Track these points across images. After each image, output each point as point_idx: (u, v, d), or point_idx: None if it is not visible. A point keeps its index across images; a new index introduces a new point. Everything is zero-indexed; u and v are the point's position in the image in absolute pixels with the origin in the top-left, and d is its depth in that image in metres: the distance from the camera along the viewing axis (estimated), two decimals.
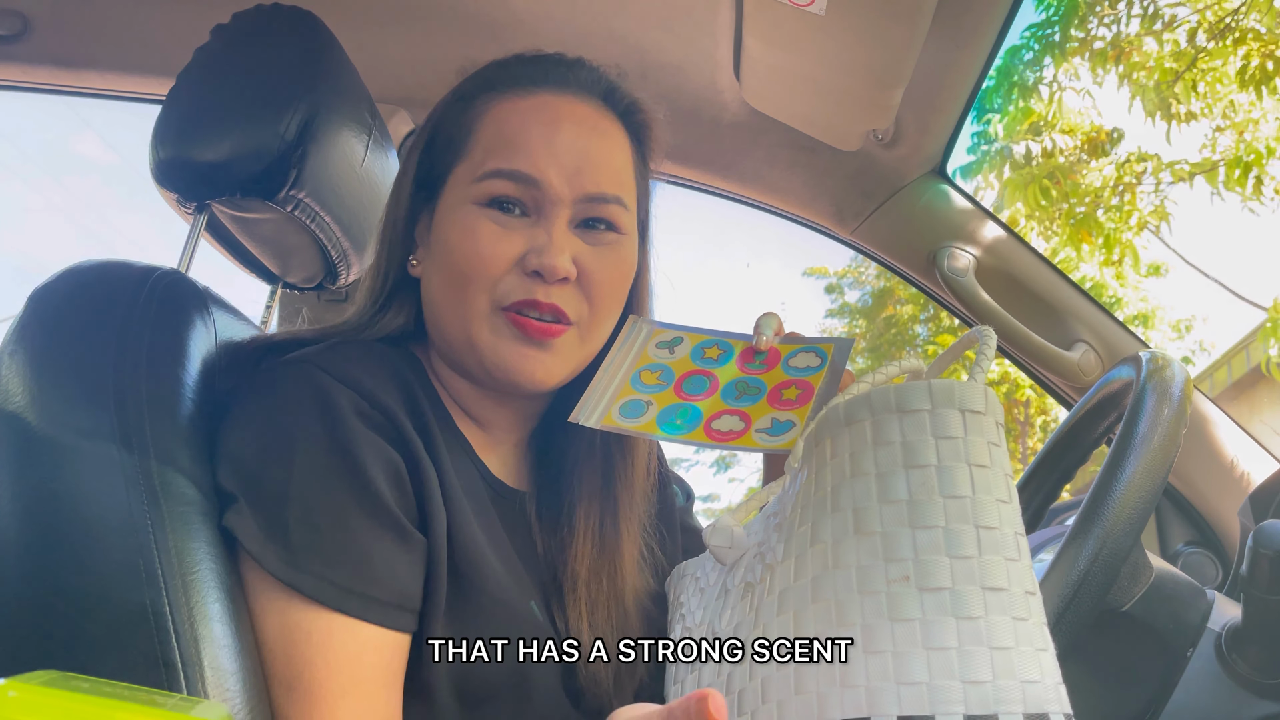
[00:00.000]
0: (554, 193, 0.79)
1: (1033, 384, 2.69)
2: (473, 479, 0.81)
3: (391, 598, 0.71)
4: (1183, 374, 0.88)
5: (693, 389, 0.79)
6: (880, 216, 1.50)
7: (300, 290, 1.14)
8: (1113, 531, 0.79)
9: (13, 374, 0.72)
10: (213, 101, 0.90)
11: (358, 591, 0.69)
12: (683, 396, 0.78)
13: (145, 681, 0.64)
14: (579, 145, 0.81)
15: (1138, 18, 4.85)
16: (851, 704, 0.55)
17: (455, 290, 0.79)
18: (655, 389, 0.79)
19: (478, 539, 0.76)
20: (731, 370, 0.80)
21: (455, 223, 0.80)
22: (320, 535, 0.69)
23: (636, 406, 0.77)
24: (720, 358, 0.81)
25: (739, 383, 0.79)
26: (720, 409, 0.77)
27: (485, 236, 0.78)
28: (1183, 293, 21.65)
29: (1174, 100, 4.76)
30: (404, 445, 0.74)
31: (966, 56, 1.21)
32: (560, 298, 0.79)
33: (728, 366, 0.80)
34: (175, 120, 0.90)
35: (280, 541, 0.69)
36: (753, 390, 0.78)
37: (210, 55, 0.93)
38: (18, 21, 1.24)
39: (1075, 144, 5.53)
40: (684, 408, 0.77)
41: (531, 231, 0.79)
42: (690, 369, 0.80)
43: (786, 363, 0.80)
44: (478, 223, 0.79)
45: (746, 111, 1.38)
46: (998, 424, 0.61)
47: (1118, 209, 5.36)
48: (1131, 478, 0.80)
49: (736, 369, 0.80)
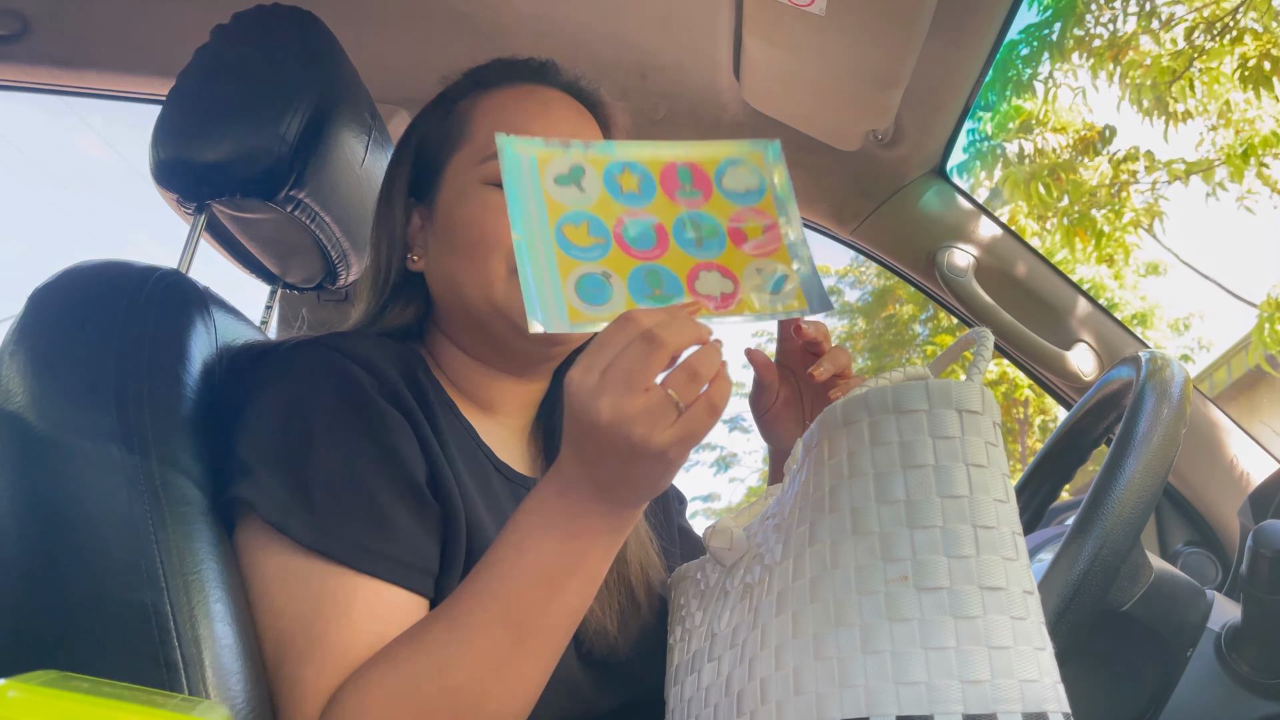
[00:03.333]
0: None
1: (1032, 384, 2.69)
2: (480, 463, 0.83)
3: (415, 560, 0.72)
4: (1182, 374, 0.88)
5: (639, 241, 0.67)
6: (880, 216, 1.50)
7: (300, 290, 1.14)
8: (1112, 531, 0.79)
9: (13, 374, 0.72)
10: (213, 102, 0.90)
11: (384, 554, 0.70)
12: (636, 255, 0.67)
13: (146, 682, 0.64)
14: (571, 124, 0.87)
15: (1134, 15, 4.85)
16: (850, 704, 0.55)
17: (474, 260, 0.82)
18: (596, 251, 0.66)
19: (485, 518, 0.78)
20: (666, 205, 0.69)
21: (465, 202, 0.84)
22: (344, 502, 0.71)
23: (595, 284, 0.65)
24: (643, 188, 0.70)
25: (687, 222, 0.69)
26: (691, 264, 0.67)
27: (496, 209, 0.82)
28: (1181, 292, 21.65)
29: (1170, 99, 4.76)
30: (414, 423, 0.76)
31: (966, 56, 1.21)
32: None
33: (658, 201, 0.69)
34: (175, 120, 0.90)
35: (305, 509, 0.70)
36: (709, 232, 0.69)
37: (210, 55, 0.93)
38: (17, 21, 1.24)
39: (1067, 142, 5.53)
40: (650, 271, 0.67)
41: None
42: (619, 211, 0.68)
43: (721, 184, 0.71)
44: (488, 196, 0.83)
45: (746, 112, 1.38)
46: (995, 424, 0.61)
47: (1112, 208, 5.36)
48: (1131, 478, 0.80)
49: (670, 202, 0.69)
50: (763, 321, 0.69)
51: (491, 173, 0.83)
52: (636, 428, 0.59)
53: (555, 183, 0.68)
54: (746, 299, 0.67)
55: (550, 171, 0.68)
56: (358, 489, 0.71)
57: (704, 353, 0.61)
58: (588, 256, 0.66)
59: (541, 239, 0.65)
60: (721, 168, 0.71)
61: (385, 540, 0.71)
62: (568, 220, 0.67)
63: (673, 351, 0.59)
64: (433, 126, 0.90)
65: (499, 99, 0.88)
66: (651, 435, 0.59)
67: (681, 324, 0.60)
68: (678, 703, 0.72)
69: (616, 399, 0.59)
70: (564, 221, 0.66)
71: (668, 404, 0.59)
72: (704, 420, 0.60)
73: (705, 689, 0.68)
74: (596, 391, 0.60)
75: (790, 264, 0.68)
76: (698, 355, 0.61)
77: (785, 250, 0.69)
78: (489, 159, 0.83)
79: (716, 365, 0.61)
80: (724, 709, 0.65)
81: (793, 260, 0.69)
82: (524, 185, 0.67)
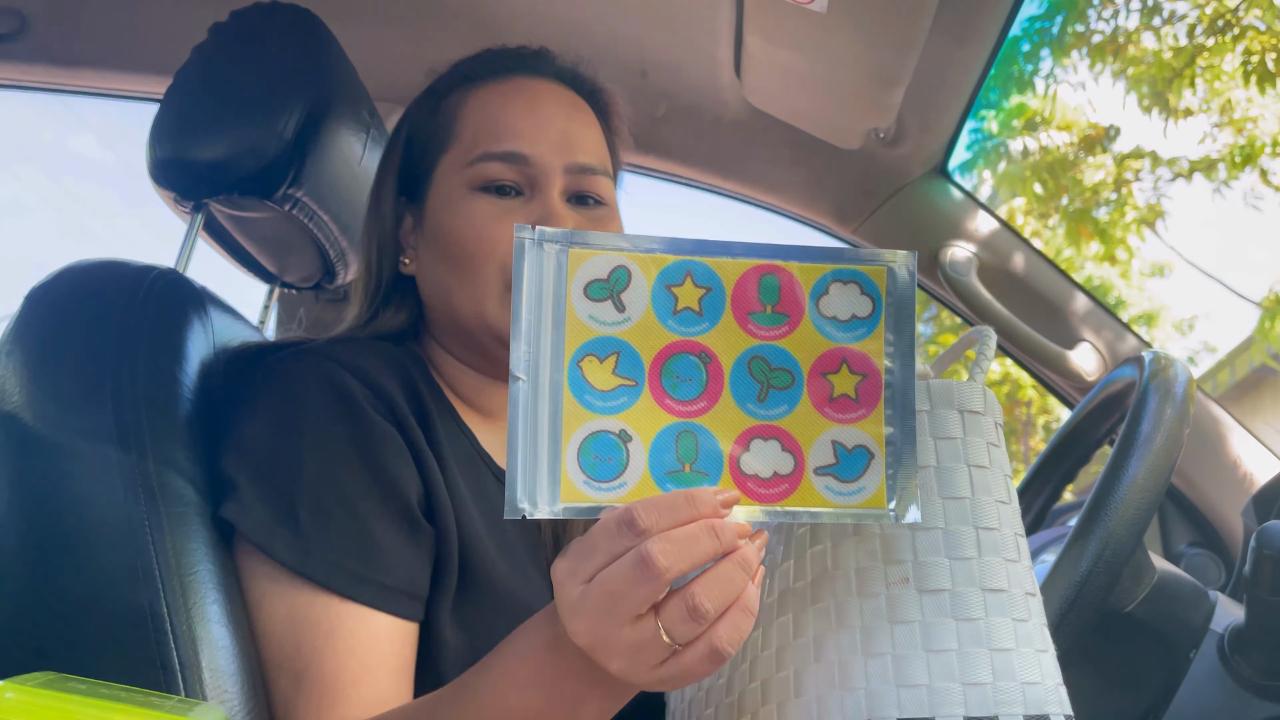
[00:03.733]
0: (545, 165, 0.81)
1: (1035, 384, 2.68)
2: (479, 472, 0.81)
3: (402, 585, 0.70)
4: (1185, 374, 0.88)
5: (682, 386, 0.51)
6: (882, 215, 1.50)
7: (298, 290, 1.14)
8: (1115, 532, 0.78)
9: (10, 374, 0.72)
10: (210, 100, 0.90)
11: (368, 578, 0.69)
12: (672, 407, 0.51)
13: (143, 683, 0.64)
14: (560, 119, 0.84)
15: (1137, 12, 4.85)
16: (852, 706, 0.55)
17: (464, 273, 0.80)
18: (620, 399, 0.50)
19: (481, 534, 0.76)
20: (732, 333, 0.51)
21: (453, 210, 0.82)
22: (330, 522, 0.69)
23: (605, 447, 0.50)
24: (706, 304, 0.51)
25: (753, 359, 0.51)
26: (745, 425, 0.51)
27: (486, 217, 0.80)
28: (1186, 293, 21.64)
29: (1171, 96, 4.76)
30: (410, 437, 0.74)
31: (968, 54, 1.21)
32: None
33: (723, 325, 0.51)
34: (173, 119, 0.90)
35: (289, 528, 0.68)
36: (780, 376, 0.51)
37: (208, 54, 0.92)
38: (15, 20, 1.24)
39: (1071, 140, 5.52)
40: (685, 433, 0.50)
41: (528, 208, 0.81)
42: (665, 342, 0.51)
43: (817, 308, 0.52)
44: (476, 205, 0.81)
45: (747, 110, 1.38)
46: (997, 424, 0.61)
47: (1115, 205, 5.36)
48: (1134, 478, 0.80)
49: (739, 329, 0.51)
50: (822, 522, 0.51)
51: (479, 176, 0.81)
52: (615, 661, 0.50)
53: (586, 294, 0.51)
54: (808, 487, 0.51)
55: (583, 276, 0.51)
56: (345, 510, 0.69)
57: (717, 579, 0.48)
58: (606, 409, 0.50)
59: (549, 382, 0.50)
60: (823, 282, 0.52)
61: (372, 564, 0.69)
62: (591, 350, 0.51)
63: (670, 578, 0.47)
64: (421, 122, 0.88)
65: (486, 94, 0.85)
66: (633, 672, 0.50)
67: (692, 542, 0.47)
68: (679, 704, 0.72)
69: (595, 625, 0.49)
70: (585, 351, 0.51)
71: (657, 641, 0.48)
72: (701, 667, 0.49)
73: (706, 691, 0.68)
74: (576, 608, 0.49)
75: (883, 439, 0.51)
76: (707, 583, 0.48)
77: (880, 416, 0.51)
78: (476, 161, 0.81)
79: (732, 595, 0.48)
80: (725, 711, 0.64)
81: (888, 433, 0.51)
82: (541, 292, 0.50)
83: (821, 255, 0.53)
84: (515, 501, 0.49)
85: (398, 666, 0.70)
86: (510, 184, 0.81)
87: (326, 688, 0.67)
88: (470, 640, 0.73)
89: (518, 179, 0.82)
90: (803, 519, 0.51)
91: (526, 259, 0.51)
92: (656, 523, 0.48)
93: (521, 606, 0.76)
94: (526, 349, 0.50)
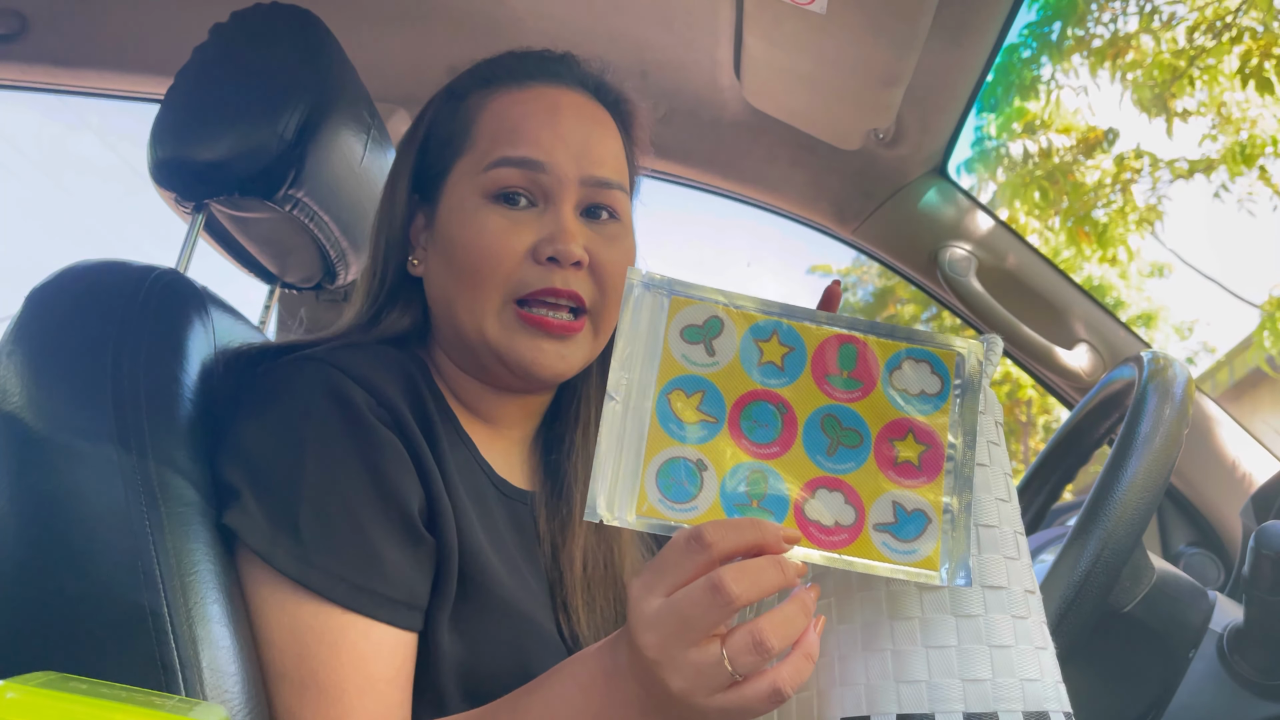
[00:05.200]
0: (561, 175, 0.79)
1: (1035, 384, 2.69)
2: (479, 481, 0.81)
3: (402, 596, 0.70)
4: (1184, 374, 0.88)
5: (759, 431, 0.55)
6: (881, 216, 1.50)
7: (298, 290, 1.14)
8: (1115, 532, 0.78)
9: (11, 374, 0.72)
10: (211, 101, 0.90)
11: (369, 589, 0.69)
12: (748, 448, 0.54)
13: (143, 683, 0.64)
14: (580, 131, 0.82)
15: (1135, 15, 4.85)
16: (851, 702, 0.55)
17: (467, 286, 0.79)
18: (702, 432, 0.55)
19: (482, 544, 0.76)
20: (809, 391, 0.56)
21: (462, 219, 0.80)
22: (332, 531, 0.69)
23: (683, 474, 0.54)
24: (788, 363, 0.56)
25: (826, 417, 0.55)
26: (812, 475, 0.54)
27: (494, 230, 0.78)
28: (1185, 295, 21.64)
29: (1170, 98, 4.76)
30: (413, 445, 0.74)
31: (967, 55, 1.21)
32: (577, 283, 0.78)
33: (802, 383, 0.56)
34: (173, 119, 0.90)
35: (290, 538, 0.68)
36: (850, 436, 0.55)
37: (209, 54, 0.92)
38: (16, 21, 1.24)
39: (1071, 144, 5.52)
40: (756, 472, 0.54)
41: (540, 221, 0.79)
42: (748, 389, 0.56)
43: (890, 380, 0.56)
44: (486, 217, 0.79)
45: (747, 111, 1.38)
46: (997, 423, 0.61)
47: (1114, 203, 5.36)
48: (1133, 478, 0.80)
49: (816, 389, 0.56)
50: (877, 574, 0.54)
51: (490, 184, 0.79)
52: (677, 680, 0.52)
53: (682, 336, 0.57)
54: (866, 540, 0.53)
55: (681, 320, 0.57)
56: (347, 520, 0.69)
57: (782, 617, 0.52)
58: (687, 438, 0.55)
59: (638, 405, 0.55)
60: (898, 357, 0.57)
61: (372, 575, 0.69)
62: (679, 385, 0.56)
63: (741, 606, 0.51)
64: (440, 121, 0.86)
65: (505, 100, 0.83)
66: (694, 695, 0.52)
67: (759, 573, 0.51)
68: None
69: (664, 640, 0.52)
70: (674, 385, 0.56)
71: (720, 668, 0.51)
72: (760, 704, 0.51)
73: None
74: (650, 622, 0.52)
75: (940, 507, 0.54)
76: (772, 619, 0.51)
77: (940, 485, 0.54)
78: (491, 167, 0.79)
79: (794, 634, 0.51)
80: None
81: (945, 502, 0.54)
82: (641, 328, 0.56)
83: (899, 334, 0.57)
84: (595, 507, 0.54)
85: (400, 677, 0.71)
86: (523, 191, 0.79)
87: (333, 698, 0.67)
88: (469, 649, 0.73)
89: (531, 188, 0.79)
90: (858, 569, 0.54)
91: (633, 298, 0.57)
92: (723, 539, 0.51)
93: (520, 617, 0.76)
94: (623, 375, 0.55)
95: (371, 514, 0.70)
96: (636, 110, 0.89)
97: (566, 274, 0.78)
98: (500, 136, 0.81)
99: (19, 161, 12.20)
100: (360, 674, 0.68)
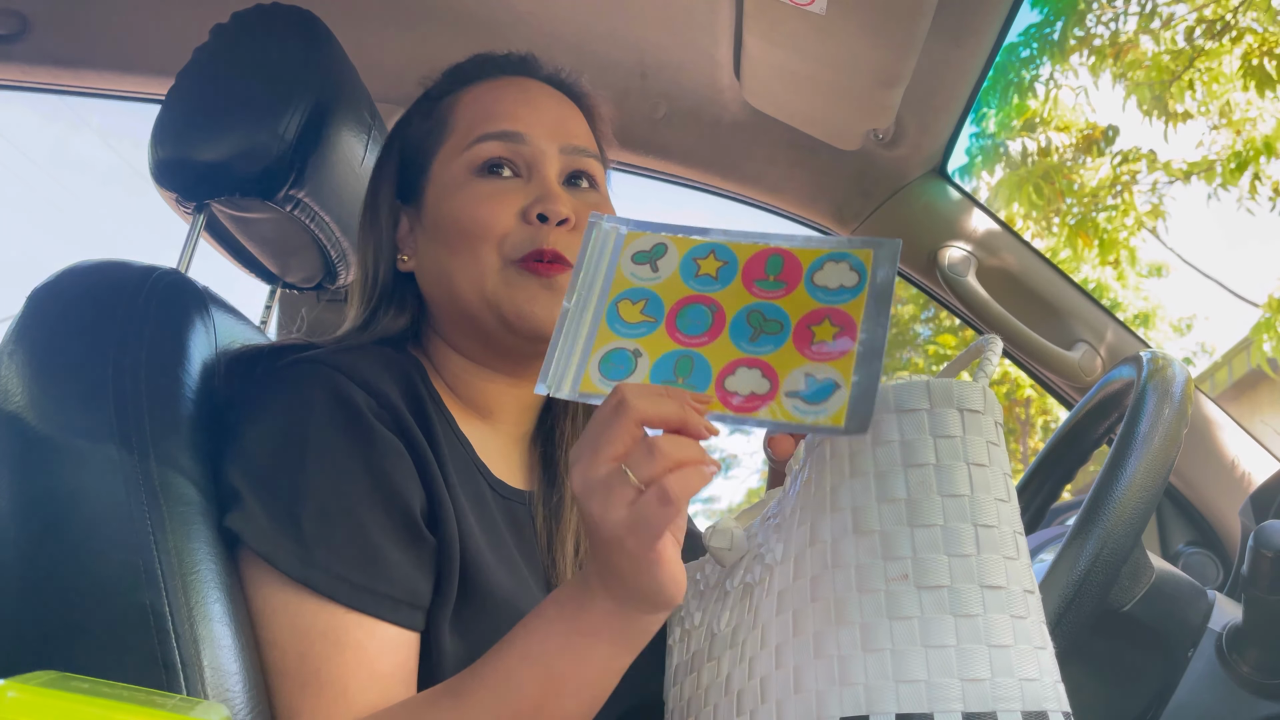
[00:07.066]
0: (542, 145, 0.84)
1: (1034, 384, 2.69)
2: (476, 483, 0.81)
3: (404, 595, 0.71)
4: (1183, 374, 0.88)
5: (691, 325, 0.62)
6: (880, 216, 1.50)
7: (299, 290, 1.14)
8: (1113, 532, 0.79)
9: (12, 374, 0.72)
10: (212, 101, 0.90)
11: (371, 589, 0.69)
12: (680, 339, 0.62)
13: (145, 682, 0.64)
14: (554, 109, 0.87)
15: (1135, 15, 4.85)
16: (850, 702, 0.55)
17: (464, 253, 0.81)
18: (641, 329, 0.63)
19: (481, 545, 0.76)
20: (738, 293, 0.63)
21: (452, 195, 0.83)
22: (333, 531, 0.69)
23: (621, 359, 0.62)
24: (721, 273, 0.64)
25: (752, 312, 0.62)
26: (733, 357, 0.60)
27: (485, 196, 0.82)
28: (1183, 293, 21.64)
29: (1170, 99, 4.76)
30: (414, 446, 0.74)
31: (967, 55, 1.21)
32: (562, 243, 0.81)
33: (732, 287, 0.63)
34: (174, 120, 0.90)
35: (292, 538, 0.69)
36: (772, 325, 0.61)
37: (210, 55, 0.93)
38: (17, 21, 1.24)
39: (1070, 142, 5.52)
40: (684, 357, 0.61)
41: (526, 189, 0.83)
42: (684, 294, 0.63)
43: (811, 279, 0.62)
44: (476, 186, 0.83)
45: (747, 111, 1.38)
46: (996, 423, 0.61)
47: (1115, 208, 5.35)
48: (1132, 478, 0.80)
49: (745, 290, 0.63)
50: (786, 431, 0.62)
51: (475, 159, 0.83)
52: (593, 501, 0.56)
53: (632, 259, 0.65)
54: (778, 404, 0.58)
55: (632, 248, 0.66)
56: (348, 520, 0.70)
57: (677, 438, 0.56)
58: (629, 333, 0.62)
59: (591, 311, 0.63)
60: (819, 261, 0.63)
61: (375, 575, 0.69)
62: (626, 296, 0.64)
63: (640, 420, 0.55)
64: (415, 127, 0.89)
65: (479, 90, 0.88)
66: (606, 512, 0.56)
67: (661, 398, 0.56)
68: (677, 703, 0.72)
69: (580, 468, 0.57)
70: (622, 297, 0.64)
71: (622, 479, 0.55)
72: (654, 509, 0.54)
73: (705, 689, 0.68)
74: (572, 460, 0.58)
75: (850, 375, 0.58)
76: (667, 436, 0.56)
77: (852, 359, 0.59)
78: (473, 144, 0.83)
79: (684, 453, 0.56)
80: (724, 709, 0.65)
81: (855, 372, 0.59)
82: (600, 259, 0.65)
83: (824, 244, 0.64)
84: (545, 381, 0.61)
85: (403, 676, 0.71)
86: (507, 161, 0.83)
87: (334, 694, 0.67)
88: (469, 648, 0.73)
89: (514, 158, 0.84)
90: (766, 425, 0.59)
91: (595, 233, 0.66)
92: (637, 395, 0.57)
93: (519, 615, 0.76)
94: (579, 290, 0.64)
95: (373, 514, 0.70)
96: (598, 105, 0.94)
97: (552, 233, 0.81)
98: (478, 118, 0.85)
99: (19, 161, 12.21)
100: (364, 671, 0.68)
